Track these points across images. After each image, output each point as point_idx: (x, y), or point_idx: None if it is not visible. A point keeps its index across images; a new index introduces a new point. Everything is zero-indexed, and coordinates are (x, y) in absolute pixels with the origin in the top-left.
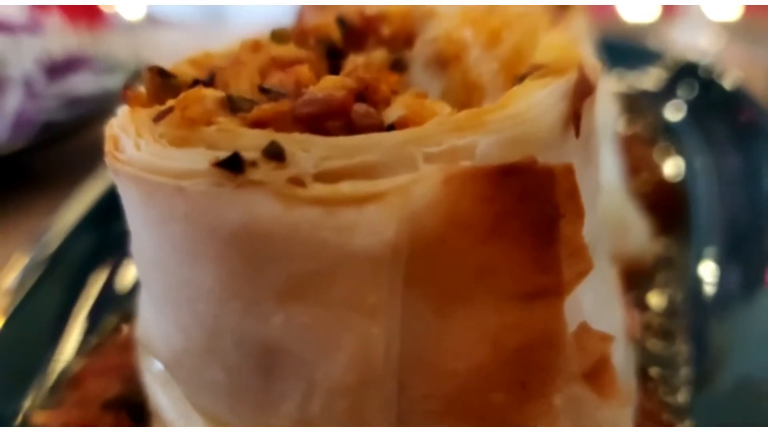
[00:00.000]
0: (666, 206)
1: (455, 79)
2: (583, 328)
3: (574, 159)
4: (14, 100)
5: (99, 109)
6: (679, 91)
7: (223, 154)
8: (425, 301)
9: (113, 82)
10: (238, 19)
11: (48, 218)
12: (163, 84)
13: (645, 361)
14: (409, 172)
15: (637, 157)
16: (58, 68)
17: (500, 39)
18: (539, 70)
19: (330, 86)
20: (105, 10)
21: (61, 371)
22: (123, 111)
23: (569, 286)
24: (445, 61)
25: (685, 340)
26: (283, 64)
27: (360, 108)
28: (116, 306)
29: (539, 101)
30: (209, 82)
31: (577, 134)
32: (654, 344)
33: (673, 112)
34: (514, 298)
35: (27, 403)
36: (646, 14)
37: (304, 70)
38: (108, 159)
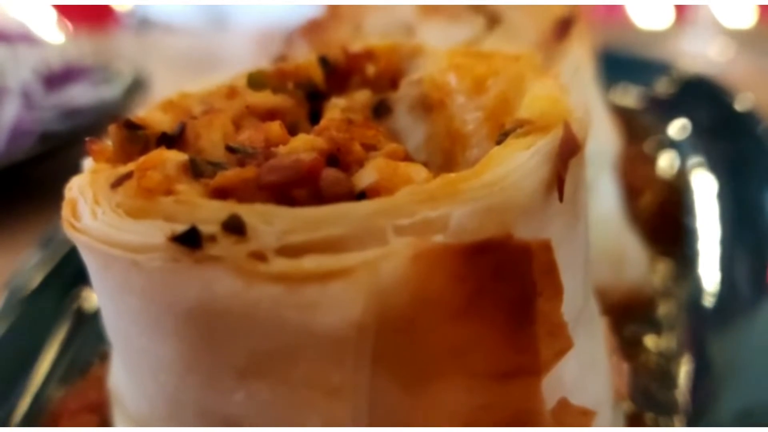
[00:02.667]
0: (667, 228)
1: (439, 125)
2: (563, 405)
3: (558, 223)
4: (12, 110)
5: (97, 120)
6: (685, 108)
7: (180, 228)
8: (394, 379)
9: (111, 92)
10: (241, 23)
11: (44, 230)
12: (130, 137)
13: (640, 406)
14: (378, 246)
15: (639, 176)
16: (56, 79)
17: (485, 87)
18: (522, 127)
19: (300, 147)
20: (117, 9)
21: (36, 407)
22: (85, 169)
23: (547, 366)
24: (429, 106)
25: (683, 382)
26: (258, 113)
27: (329, 175)
28: (95, 340)
29: (519, 165)
30: (179, 133)
31: (561, 198)
32: (650, 388)
33: (679, 131)
34: (488, 378)
35: None
36: (659, 21)
37: (274, 128)
38: (64, 225)
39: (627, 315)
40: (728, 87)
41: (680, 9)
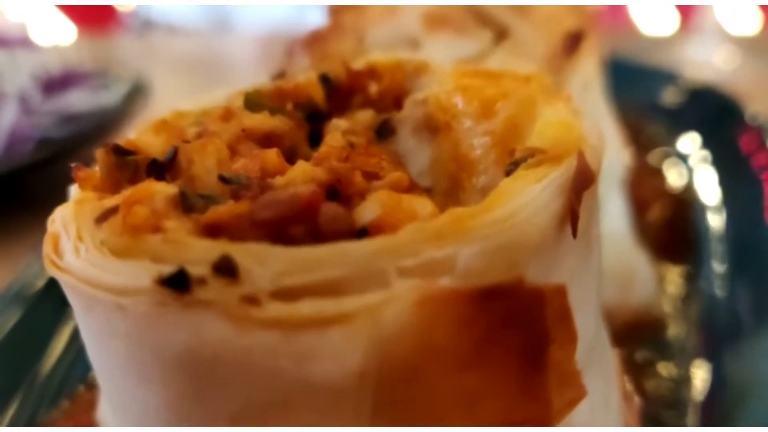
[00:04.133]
0: (677, 243)
1: (445, 149)
2: None
3: (570, 258)
4: (9, 116)
5: (95, 126)
6: (694, 120)
7: (167, 269)
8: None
9: (110, 98)
10: (244, 25)
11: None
12: (119, 163)
13: None
14: (380, 290)
15: (648, 190)
16: (54, 84)
17: (494, 111)
18: (534, 157)
19: (298, 178)
20: (120, 9)
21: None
22: (71, 197)
23: (559, 415)
24: (434, 128)
25: (694, 410)
26: (255, 137)
27: (328, 210)
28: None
29: (531, 200)
30: (171, 158)
31: (575, 234)
32: (661, 415)
33: (687, 144)
34: (497, 427)
35: None
36: (664, 27)
37: (271, 157)
38: (45, 262)
39: (636, 338)
40: (736, 97)
41: (685, 15)
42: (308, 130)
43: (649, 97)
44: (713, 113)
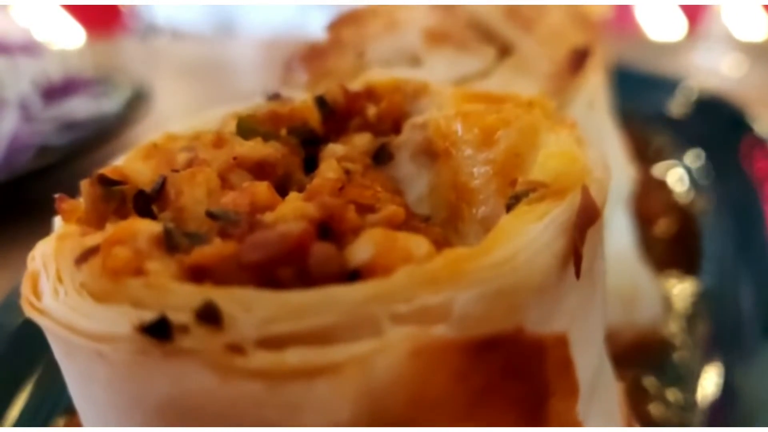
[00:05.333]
0: (683, 258)
1: (444, 176)
2: None
3: (573, 297)
4: (9, 122)
5: (96, 133)
6: (700, 132)
7: (148, 316)
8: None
9: (111, 105)
10: (248, 29)
11: None
12: (105, 194)
13: None
14: (372, 338)
15: (653, 203)
16: (55, 91)
17: (495, 139)
18: (536, 191)
19: (289, 215)
20: (124, 10)
21: None
22: (54, 230)
23: None
24: (433, 153)
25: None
26: (247, 165)
27: (319, 251)
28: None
29: (532, 240)
30: (159, 188)
31: (578, 275)
32: None
33: (694, 156)
34: None
35: None
36: (671, 33)
37: (261, 191)
38: (23, 304)
39: (642, 360)
40: (744, 108)
41: (693, 20)
42: (303, 155)
43: (656, 107)
44: (720, 125)
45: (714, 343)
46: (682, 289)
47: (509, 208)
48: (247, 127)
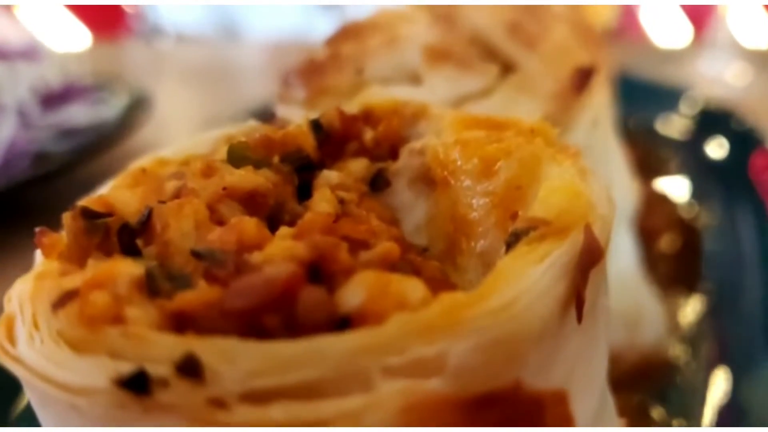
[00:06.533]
0: (687, 273)
1: (442, 206)
2: None
3: (575, 341)
4: (7, 129)
5: (95, 140)
6: (705, 143)
7: (126, 368)
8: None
9: (110, 112)
10: (253, 34)
11: None
12: (88, 228)
13: None
14: (362, 393)
15: (657, 218)
16: (53, 97)
17: (495, 171)
18: (536, 230)
19: (277, 255)
20: (128, 12)
21: None
22: (31, 271)
23: None
24: (431, 181)
25: None
26: (237, 196)
27: (309, 297)
28: None
29: (532, 284)
30: (145, 221)
31: (580, 320)
32: None
33: (699, 167)
34: None
35: None
36: (677, 40)
37: (249, 228)
38: None
39: (645, 384)
40: (750, 119)
41: (698, 28)
42: (297, 183)
43: (660, 118)
44: (726, 137)
45: (720, 363)
46: (686, 308)
47: (509, 245)
48: (238, 155)
